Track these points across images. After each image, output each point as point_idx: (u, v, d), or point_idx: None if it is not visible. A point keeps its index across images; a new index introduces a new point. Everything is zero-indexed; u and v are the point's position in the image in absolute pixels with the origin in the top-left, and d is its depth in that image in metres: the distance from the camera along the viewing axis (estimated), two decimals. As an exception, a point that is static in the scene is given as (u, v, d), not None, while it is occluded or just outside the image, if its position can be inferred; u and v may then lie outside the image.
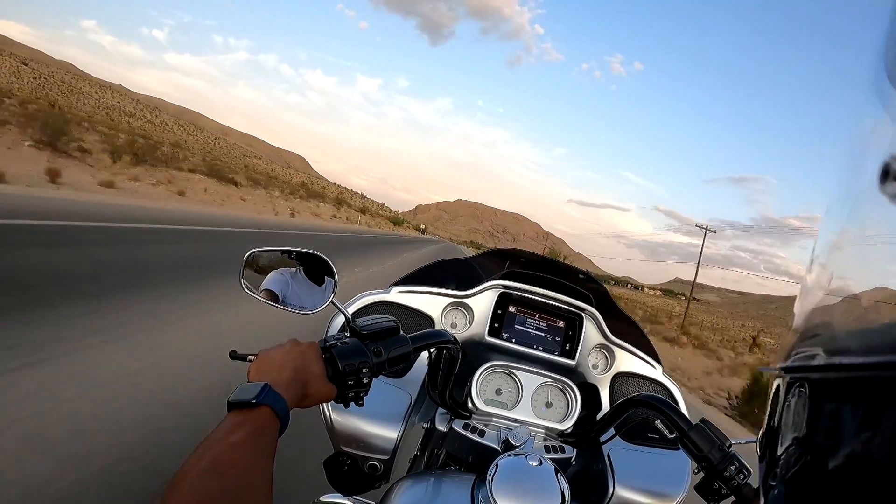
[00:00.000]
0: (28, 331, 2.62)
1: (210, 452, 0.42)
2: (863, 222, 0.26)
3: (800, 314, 0.30)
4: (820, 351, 0.26)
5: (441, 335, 0.78)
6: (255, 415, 0.48)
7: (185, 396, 2.39)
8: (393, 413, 0.89)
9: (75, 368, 2.37)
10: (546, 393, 0.95)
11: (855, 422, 0.21)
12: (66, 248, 4.70)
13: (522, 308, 1.07)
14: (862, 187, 0.24)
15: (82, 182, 11.65)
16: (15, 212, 5.85)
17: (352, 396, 0.63)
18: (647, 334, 1.16)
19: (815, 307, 0.28)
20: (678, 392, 1.06)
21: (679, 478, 0.92)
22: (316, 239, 13.73)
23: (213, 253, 7.07)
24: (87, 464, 1.72)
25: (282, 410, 0.50)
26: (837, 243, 0.28)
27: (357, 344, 0.64)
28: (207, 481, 0.39)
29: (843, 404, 0.23)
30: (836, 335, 0.25)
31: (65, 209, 7.13)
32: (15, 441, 1.75)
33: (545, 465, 0.66)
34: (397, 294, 1.04)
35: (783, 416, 0.29)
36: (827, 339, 0.26)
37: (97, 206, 8.64)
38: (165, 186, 16.33)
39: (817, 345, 0.26)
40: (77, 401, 2.10)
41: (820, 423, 0.24)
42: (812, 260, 0.30)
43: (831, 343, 0.25)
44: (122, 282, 4.04)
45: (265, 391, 0.50)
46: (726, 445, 0.68)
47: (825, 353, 0.25)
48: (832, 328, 0.26)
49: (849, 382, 0.23)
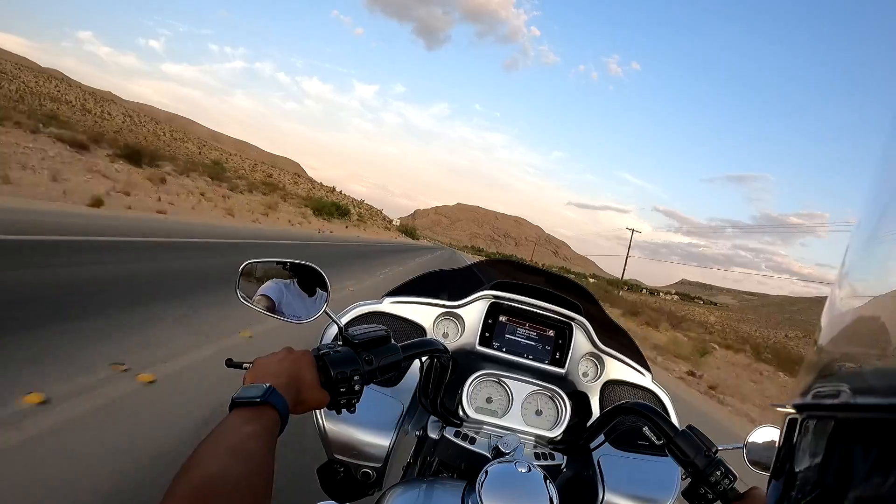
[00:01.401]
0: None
1: (225, 440, 0.45)
2: (890, 260, 0.24)
3: (822, 341, 0.28)
4: (845, 388, 0.24)
5: (431, 344, 0.80)
6: (261, 412, 0.51)
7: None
8: (385, 421, 0.91)
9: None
10: (536, 401, 0.96)
11: (868, 464, 0.21)
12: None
13: (513, 318, 1.10)
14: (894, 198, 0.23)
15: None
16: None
17: (344, 403, 0.65)
18: (645, 343, 1.18)
19: (837, 340, 0.27)
20: (668, 399, 1.08)
21: (667, 483, 0.94)
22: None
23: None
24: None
25: (283, 411, 0.53)
26: (864, 268, 0.26)
27: (349, 352, 0.66)
28: (227, 462, 0.42)
29: (858, 446, 0.22)
30: (862, 373, 0.24)
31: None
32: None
33: (534, 472, 0.68)
34: (389, 304, 1.06)
35: (795, 455, 0.28)
36: (850, 377, 0.25)
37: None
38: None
39: (838, 382, 0.25)
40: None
41: (833, 464, 0.23)
42: (839, 284, 0.28)
43: (854, 381, 0.24)
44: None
45: (270, 391, 0.53)
46: (712, 451, 0.70)
47: (849, 392, 0.24)
48: (856, 365, 0.25)
49: (869, 424, 0.22)
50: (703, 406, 6.88)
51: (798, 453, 0.27)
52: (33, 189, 9.12)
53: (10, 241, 4.89)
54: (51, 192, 9.38)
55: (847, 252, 0.28)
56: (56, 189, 9.67)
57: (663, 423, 0.75)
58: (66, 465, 1.79)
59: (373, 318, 1.03)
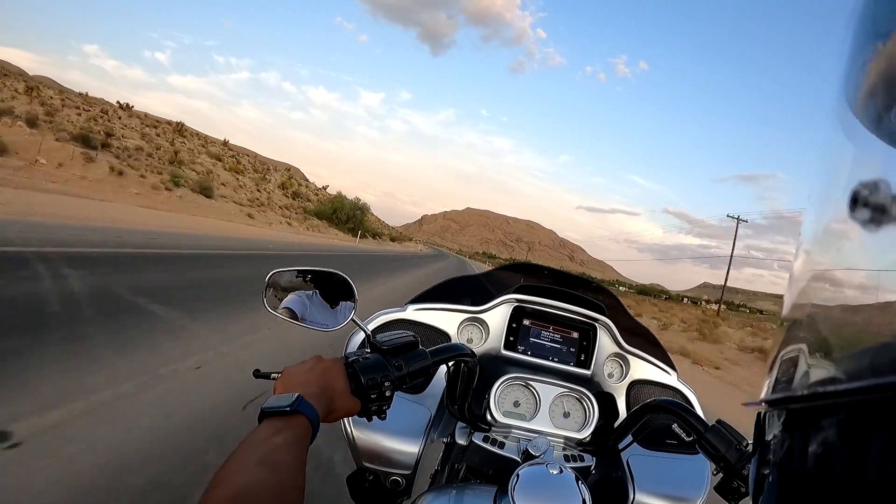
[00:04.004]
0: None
1: (256, 450, 0.46)
2: (836, 247, 0.27)
3: (781, 334, 0.30)
4: (800, 379, 0.27)
5: (459, 348, 0.83)
6: (291, 422, 0.52)
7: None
8: (413, 428, 0.93)
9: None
10: (563, 403, 0.99)
11: (843, 448, 0.22)
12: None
13: (537, 321, 1.12)
14: (834, 212, 0.25)
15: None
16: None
17: (375, 410, 0.67)
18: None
19: (793, 331, 0.29)
20: (694, 397, 1.10)
21: (698, 480, 0.95)
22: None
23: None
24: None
25: (314, 420, 0.54)
26: (810, 268, 0.29)
27: (378, 359, 0.69)
28: (259, 473, 0.43)
29: (827, 431, 0.24)
30: (815, 363, 0.26)
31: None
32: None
33: (566, 473, 0.70)
34: (413, 312, 1.10)
35: (770, 447, 0.29)
36: (803, 370, 0.27)
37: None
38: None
39: (796, 374, 0.27)
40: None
41: (807, 453, 0.25)
42: (790, 282, 0.31)
43: (813, 372, 0.26)
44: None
45: (299, 400, 0.54)
46: (743, 444, 0.71)
47: (804, 383, 0.26)
48: (813, 353, 0.27)
49: (832, 409, 0.24)
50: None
51: (772, 445, 0.29)
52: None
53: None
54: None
55: (793, 263, 0.31)
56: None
57: (693, 418, 0.76)
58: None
59: (397, 325, 1.06)
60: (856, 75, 0.26)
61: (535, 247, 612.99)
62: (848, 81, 0.27)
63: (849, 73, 0.27)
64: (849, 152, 0.26)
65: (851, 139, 0.26)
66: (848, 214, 0.24)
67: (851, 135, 0.26)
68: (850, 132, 0.26)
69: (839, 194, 0.25)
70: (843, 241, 0.26)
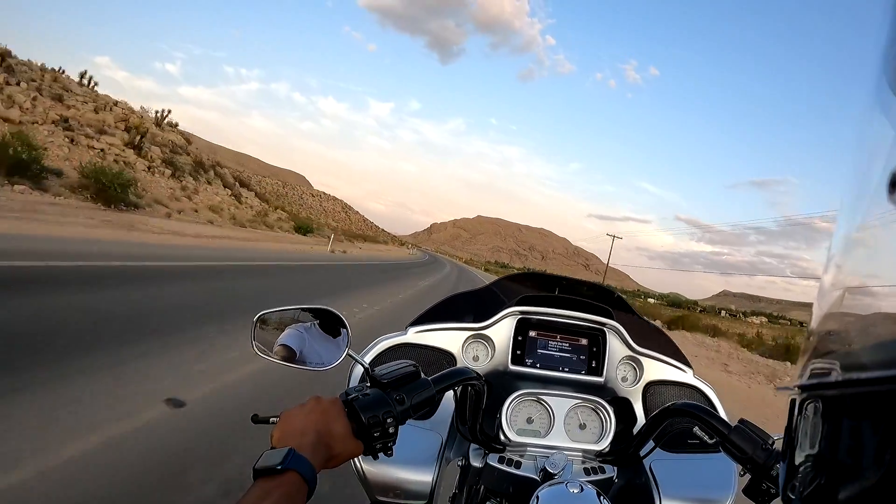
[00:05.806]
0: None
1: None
2: (874, 231, 0.26)
3: (816, 323, 0.30)
4: (836, 367, 0.26)
5: (463, 373, 0.80)
6: (282, 480, 0.51)
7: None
8: (425, 456, 0.91)
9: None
10: (578, 414, 0.97)
11: (874, 438, 0.22)
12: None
13: (543, 331, 1.10)
14: (872, 195, 0.25)
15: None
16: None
17: (379, 448, 0.65)
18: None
19: (830, 318, 0.29)
20: (713, 394, 1.07)
21: (725, 482, 0.93)
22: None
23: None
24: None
25: (308, 474, 0.53)
26: (849, 252, 0.29)
27: (378, 394, 0.66)
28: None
29: (860, 421, 0.23)
30: (851, 350, 0.26)
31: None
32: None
33: (587, 491, 0.68)
34: (414, 334, 1.08)
35: (802, 434, 0.29)
36: (842, 355, 0.27)
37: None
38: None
39: (832, 360, 0.27)
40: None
41: (839, 441, 0.25)
42: (826, 269, 0.30)
43: (846, 358, 0.26)
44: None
45: (290, 456, 0.52)
46: (769, 443, 0.68)
47: (841, 370, 0.26)
48: (846, 342, 0.27)
49: (865, 398, 0.24)
50: None
51: (798, 433, 0.29)
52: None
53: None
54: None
55: (829, 249, 0.30)
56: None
57: (715, 420, 0.75)
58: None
59: (399, 350, 1.04)
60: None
61: (549, 255, 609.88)
62: (887, 63, 0.26)
63: (889, 53, 0.26)
64: (889, 135, 0.25)
65: (891, 120, 0.25)
66: (888, 198, 0.23)
67: (892, 116, 0.25)
68: (891, 113, 0.25)
69: (877, 180, 0.24)
70: (881, 223, 0.25)
